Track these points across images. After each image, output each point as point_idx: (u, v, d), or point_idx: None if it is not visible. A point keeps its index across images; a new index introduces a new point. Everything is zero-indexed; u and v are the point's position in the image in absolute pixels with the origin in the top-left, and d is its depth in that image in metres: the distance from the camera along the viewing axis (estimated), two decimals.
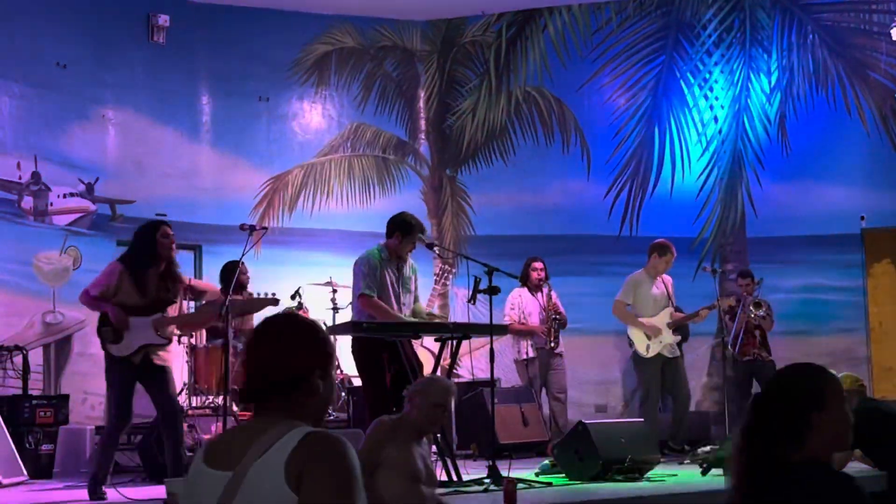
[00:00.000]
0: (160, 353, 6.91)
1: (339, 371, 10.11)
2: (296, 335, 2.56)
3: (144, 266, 6.85)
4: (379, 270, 7.29)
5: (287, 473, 2.34)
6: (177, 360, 9.34)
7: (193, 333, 9.59)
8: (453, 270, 11.23)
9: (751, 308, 10.24)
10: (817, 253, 11.58)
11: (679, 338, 9.77)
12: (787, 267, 11.46)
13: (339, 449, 2.38)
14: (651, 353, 9.58)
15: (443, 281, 8.73)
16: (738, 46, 12.05)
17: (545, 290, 10.12)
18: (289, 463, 2.35)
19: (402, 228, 7.38)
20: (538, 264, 10.22)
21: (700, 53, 12.14)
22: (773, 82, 11.93)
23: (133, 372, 6.82)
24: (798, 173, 11.78)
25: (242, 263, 8.94)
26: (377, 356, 7.10)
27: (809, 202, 11.71)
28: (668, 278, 9.90)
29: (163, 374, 6.90)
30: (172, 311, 7.15)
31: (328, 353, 2.60)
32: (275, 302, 7.29)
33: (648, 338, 9.56)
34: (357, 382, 9.80)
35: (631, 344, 9.97)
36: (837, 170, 11.65)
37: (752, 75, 12.00)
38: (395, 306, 7.33)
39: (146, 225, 7.11)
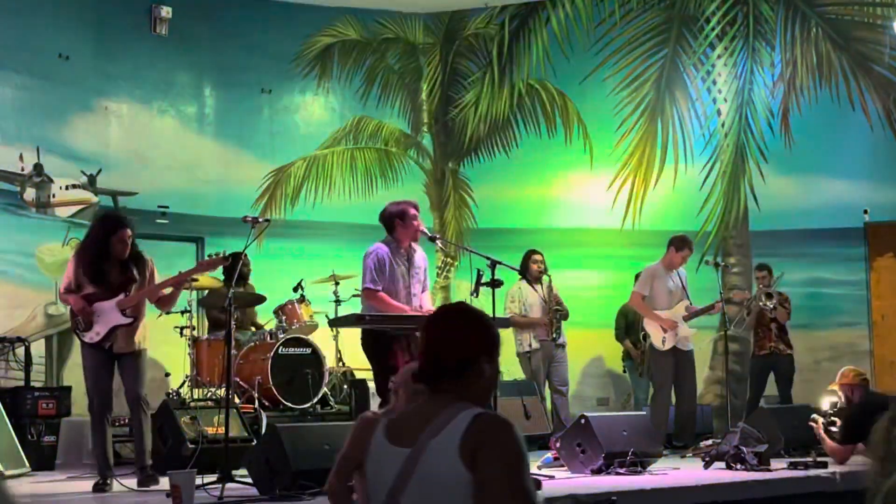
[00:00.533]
0: (131, 336, 6.93)
1: (341, 363, 10.11)
2: (466, 323, 2.83)
3: (97, 261, 6.92)
4: (388, 263, 7.24)
5: (461, 453, 2.59)
6: (179, 352, 9.38)
7: (196, 325, 9.61)
8: (455, 263, 11.23)
9: (762, 298, 10.20)
10: (820, 246, 11.57)
11: (694, 331, 9.73)
12: (790, 260, 11.43)
13: (510, 430, 2.62)
14: (666, 346, 9.54)
15: (445, 273, 8.74)
16: (742, 40, 12.03)
17: (545, 282, 10.09)
18: (463, 443, 2.59)
19: (399, 217, 7.32)
20: (538, 256, 10.19)
21: (703, 47, 12.12)
22: (776, 76, 11.91)
23: (107, 357, 6.91)
24: (801, 167, 11.77)
25: (245, 255, 8.93)
26: (388, 347, 7.08)
27: (812, 196, 11.70)
28: (682, 271, 9.85)
29: (132, 359, 6.95)
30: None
31: (494, 341, 2.85)
32: (226, 259, 7.20)
33: (664, 330, 9.52)
34: (359, 375, 9.81)
35: (644, 338, 9.97)
36: (840, 163, 11.64)
37: (755, 68, 11.99)
38: (406, 298, 7.27)
39: (101, 223, 7.07)
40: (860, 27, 11.79)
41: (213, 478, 6.39)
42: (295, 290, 9.96)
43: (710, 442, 8.55)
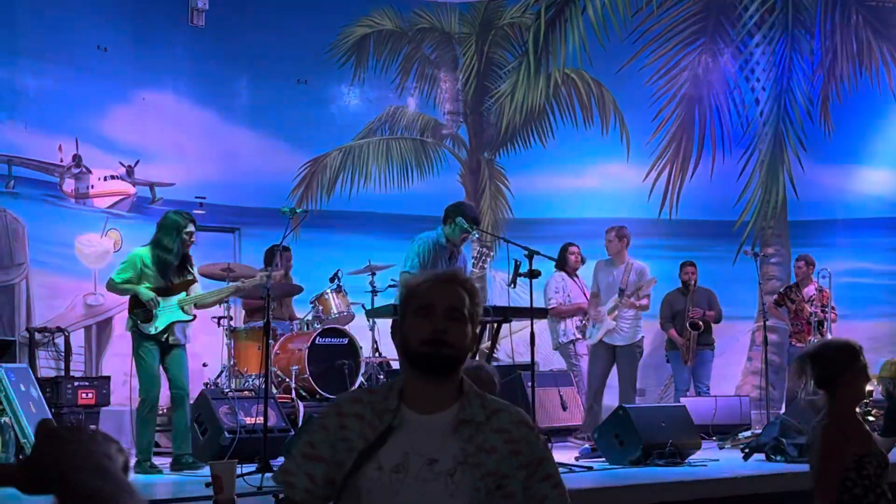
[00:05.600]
0: (184, 330, 7.39)
1: (378, 354, 10.11)
2: None
3: (168, 255, 7.33)
4: (432, 254, 7.30)
5: None
6: (216, 342, 9.42)
7: (233, 315, 9.65)
8: (491, 254, 11.18)
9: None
10: (859, 236, 11.47)
11: (614, 324, 9.69)
12: (829, 250, 11.34)
13: None
14: (593, 340, 9.67)
15: (481, 264, 8.68)
16: (781, 27, 11.92)
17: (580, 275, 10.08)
18: None
19: (467, 219, 7.42)
20: (575, 248, 10.17)
21: (741, 35, 12.02)
22: (815, 63, 11.79)
23: (161, 349, 7.28)
24: (840, 156, 11.66)
25: (288, 250, 9.02)
26: None
27: (852, 185, 11.59)
28: (633, 265, 9.77)
29: (182, 351, 7.36)
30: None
31: None
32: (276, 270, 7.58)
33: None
34: (396, 366, 9.81)
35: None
36: (880, 152, 11.52)
37: (794, 56, 11.87)
38: None
39: (173, 221, 7.39)
40: None
41: (251, 468, 6.41)
42: (331, 280, 9.97)
43: (749, 434, 8.50)
